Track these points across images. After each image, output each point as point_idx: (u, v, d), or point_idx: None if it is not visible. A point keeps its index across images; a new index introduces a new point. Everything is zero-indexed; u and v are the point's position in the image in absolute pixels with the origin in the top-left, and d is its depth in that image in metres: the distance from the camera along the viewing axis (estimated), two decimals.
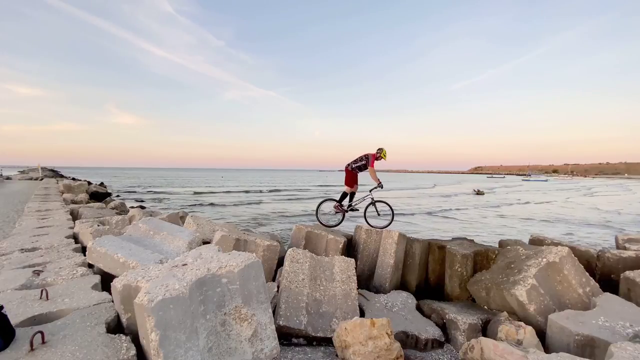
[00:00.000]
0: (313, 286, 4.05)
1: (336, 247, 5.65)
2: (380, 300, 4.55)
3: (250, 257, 2.70)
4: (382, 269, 5.40)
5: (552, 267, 4.22)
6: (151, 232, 4.30)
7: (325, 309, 3.92)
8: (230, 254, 2.79)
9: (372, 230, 5.88)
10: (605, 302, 3.71)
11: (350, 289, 4.15)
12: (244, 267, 2.56)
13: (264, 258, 4.88)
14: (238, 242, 4.85)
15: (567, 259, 4.33)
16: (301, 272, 4.08)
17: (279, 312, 3.66)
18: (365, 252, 5.82)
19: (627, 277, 4.38)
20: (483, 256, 5.27)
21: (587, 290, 4.18)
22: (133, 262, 3.32)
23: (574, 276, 4.24)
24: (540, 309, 3.84)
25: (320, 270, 4.27)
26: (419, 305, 4.67)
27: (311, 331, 3.60)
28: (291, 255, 4.22)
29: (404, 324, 3.98)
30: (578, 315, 3.43)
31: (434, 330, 3.97)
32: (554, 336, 3.35)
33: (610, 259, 5.24)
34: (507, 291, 4.05)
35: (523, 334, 3.38)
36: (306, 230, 5.91)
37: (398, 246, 5.40)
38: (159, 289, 2.18)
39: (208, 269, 2.49)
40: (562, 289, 4.16)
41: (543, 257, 4.32)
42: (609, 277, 5.03)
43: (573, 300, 4.07)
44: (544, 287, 4.05)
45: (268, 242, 5.03)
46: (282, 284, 3.96)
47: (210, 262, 2.63)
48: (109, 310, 2.67)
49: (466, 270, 5.13)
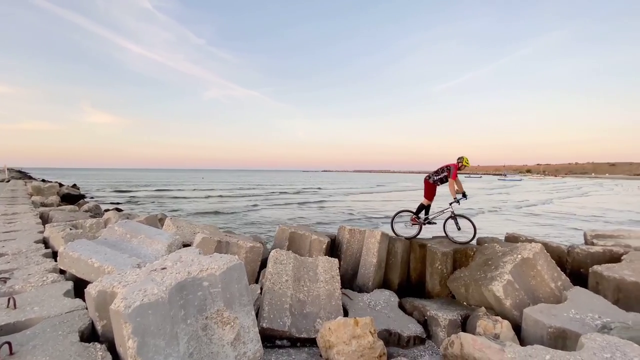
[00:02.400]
0: (297, 287, 4.03)
1: (320, 247, 5.66)
2: (363, 300, 4.59)
3: (233, 260, 2.66)
4: (365, 268, 5.45)
5: (527, 263, 4.39)
6: (128, 235, 4.15)
7: (309, 309, 3.91)
8: (212, 257, 2.73)
9: (356, 230, 5.92)
10: (576, 295, 3.90)
11: (334, 289, 4.16)
12: (226, 269, 2.51)
13: (246, 260, 4.82)
14: (220, 244, 4.76)
15: (540, 255, 4.52)
16: (285, 273, 4.05)
17: (262, 314, 3.63)
18: (348, 252, 5.86)
19: (595, 271, 4.62)
20: (462, 254, 5.42)
21: (559, 285, 4.37)
22: (109, 266, 3.20)
23: (547, 271, 4.44)
24: (515, 303, 3.99)
25: (304, 270, 4.26)
26: (401, 303, 4.75)
27: (295, 332, 3.58)
28: (274, 257, 4.19)
29: (387, 322, 4.03)
30: (551, 309, 3.59)
31: (416, 327, 4.05)
32: (529, 329, 3.49)
33: (580, 254, 5.52)
34: (484, 287, 4.18)
35: (500, 328, 3.50)
36: (290, 231, 5.88)
37: (381, 245, 5.47)
38: (137, 294, 2.11)
39: (188, 272, 2.43)
40: (535, 284, 4.34)
41: (518, 254, 4.49)
42: (579, 271, 5.29)
43: (546, 294, 4.25)
44: (519, 282, 4.21)
45: (251, 244, 4.97)
46: (266, 285, 3.92)
47: (190, 265, 2.57)
48: (82, 318, 2.55)
49: (446, 268, 5.26)
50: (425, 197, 6.24)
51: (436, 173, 6.17)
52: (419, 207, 6.26)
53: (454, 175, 5.83)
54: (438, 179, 6.12)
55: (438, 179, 6.12)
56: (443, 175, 6.04)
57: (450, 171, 5.92)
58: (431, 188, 6.22)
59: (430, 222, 6.20)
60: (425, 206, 6.24)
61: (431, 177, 6.21)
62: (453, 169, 5.87)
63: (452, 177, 5.84)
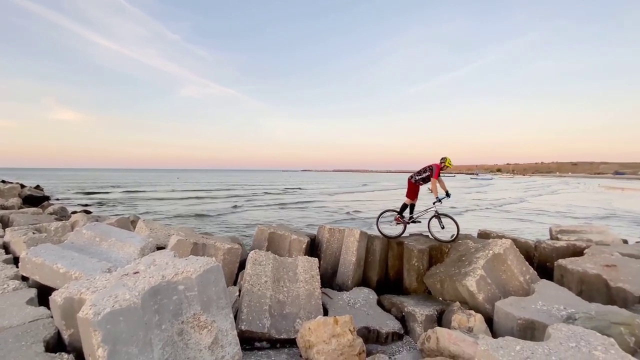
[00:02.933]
0: (276, 288, 4.00)
1: (299, 247, 5.64)
2: (343, 298, 4.62)
3: (210, 262, 2.59)
4: (344, 267, 5.49)
5: (498, 258, 4.59)
6: (97, 238, 3.96)
7: (288, 310, 3.89)
8: (188, 259, 2.66)
9: (335, 229, 5.95)
10: (542, 287, 4.11)
11: (313, 288, 4.16)
12: (202, 272, 2.45)
13: (224, 262, 4.72)
14: (196, 246, 4.64)
15: (510, 250, 4.73)
16: (264, 275, 4.01)
17: (241, 316, 3.57)
18: (328, 251, 5.88)
19: (559, 265, 4.90)
20: (437, 250, 5.58)
21: (527, 278, 4.60)
22: (76, 272, 3.03)
23: (516, 265, 4.65)
24: (488, 297, 4.15)
25: (284, 271, 4.23)
26: (380, 300, 4.83)
27: (274, 334, 3.55)
28: (253, 258, 4.13)
29: (366, 320, 4.08)
30: (520, 301, 3.76)
31: (394, 324, 4.12)
32: (500, 321, 3.65)
33: (546, 248, 5.83)
34: (459, 282, 4.33)
35: (474, 322, 3.63)
36: (269, 231, 5.82)
37: (360, 244, 5.53)
38: (107, 300, 2.01)
39: (163, 276, 2.35)
40: (506, 278, 4.54)
41: (489, 250, 4.68)
42: (545, 265, 5.59)
43: (515, 288, 4.46)
44: (491, 276, 4.39)
45: (229, 245, 4.87)
46: (244, 287, 3.86)
47: (165, 269, 2.48)
48: (47, 327, 2.41)
49: (422, 264, 5.39)
50: (408, 196, 6.37)
51: (419, 173, 6.29)
52: (402, 206, 6.39)
53: (436, 175, 5.96)
54: (420, 179, 6.24)
55: (420, 178, 6.23)
56: (425, 175, 6.16)
57: (432, 171, 6.04)
58: (414, 188, 6.35)
59: (415, 221, 6.32)
60: (407, 205, 6.37)
61: (414, 177, 6.33)
62: (435, 169, 6.00)
63: (434, 177, 5.97)
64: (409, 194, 6.37)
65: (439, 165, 6.01)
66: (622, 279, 4.24)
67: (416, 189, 6.36)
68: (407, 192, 6.39)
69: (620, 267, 4.54)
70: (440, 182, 6.10)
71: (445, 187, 6.11)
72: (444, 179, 6.22)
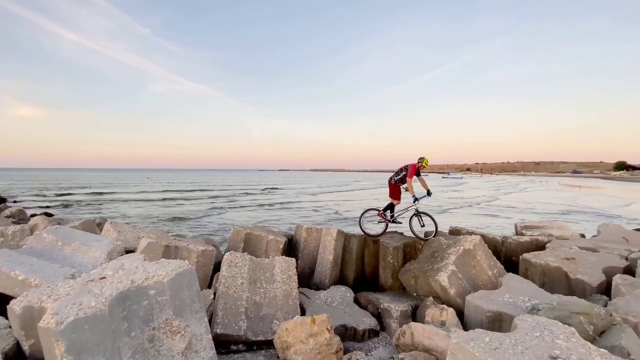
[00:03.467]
0: (253, 289, 3.94)
1: (277, 247, 5.59)
2: (320, 297, 4.63)
3: (182, 265, 2.51)
4: (322, 265, 5.51)
5: (468, 254, 4.78)
6: (60, 242, 3.72)
7: (265, 311, 3.85)
8: (159, 263, 2.56)
9: (313, 228, 5.95)
10: (509, 281, 4.33)
11: (291, 288, 4.14)
12: (174, 275, 2.37)
13: (198, 264, 4.59)
14: (168, 248, 4.48)
15: (479, 246, 4.95)
16: (240, 276, 3.94)
17: (216, 320, 3.48)
18: (305, 251, 5.87)
19: (524, 259, 5.18)
20: (411, 247, 5.73)
21: (495, 272, 4.83)
22: (36, 279, 2.83)
23: (485, 260, 4.87)
24: (459, 291, 4.32)
25: (261, 272, 4.18)
26: (357, 297, 4.89)
27: (251, 336, 3.50)
28: (229, 259, 4.05)
29: (343, 318, 4.12)
30: (488, 295, 3.94)
31: (370, 321, 4.19)
32: (470, 314, 3.80)
33: (512, 243, 6.15)
34: (432, 278, 4.47)
35: (446, 316, 3.76)
36: (245, 232, 5.73)
37: (337, 242, 5.56)
38: (71, 308, 1.90)
39: (132, 280, 2.25)
40: (476, 273, 4.74)
41: (460, 246, 4.86)
42: (511, 259, 5.90)
43: (484, 282, 4.66)
44: (462, 271, 4.57)
45: (202, 247, 4.74)
46: (219, 290, 3.78)
47: (134, 273, 2.37)
48: (5, 338, 2.25)
49: (397, 261, 5.52)
50: (391, 197, 6.47)
51: (396, 174, 6.38)
52: (388, 205, 6.47)
53: (410, 175, 6.06)
54: (399, 179, 6.33)
55: (398, 179, 6.33)
56: (402, 175, 6.25)
57: (408, 171, 6.13)
58: (394, 188, 6.46)
59: (396, 221, 6.42)
60: (394, 205, 6.48)
61: (393, 178, 6.43)
62: (410, 169, 6.09)
63: (409, 177, 6.07)
64: (391, 194, 6.47)
65: (415, 165, 6.12)
66: (581, 271, 4.56)
67: (397, 190, 6.45)
68: (390, 193, 6.49)
69: (578, 260, 4.88)
70: (422, 180, 6.21)
71: (427, 186, 6.24)
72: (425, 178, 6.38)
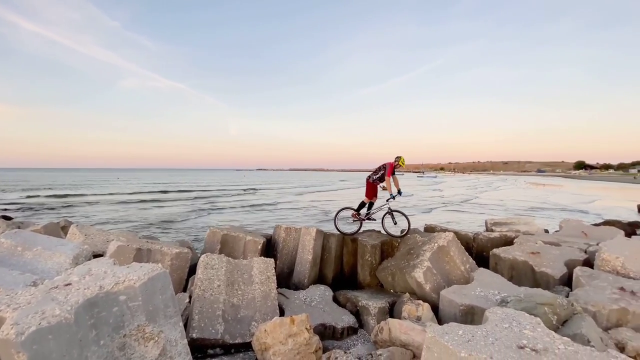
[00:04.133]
0: (230, 292, 3.87)
1: (255, 248, 5.52)
2: (299, 297, 4.62)
3: (155, 268, 2.42)
4: (301, 265, 5.50)
5: (442, 250, 4.94)
6: (19, 248, 3.47)
7: (243, 313, 3.78)
8: (130, 267, 2.45)
9: (292, 228, 5.92)
10: (480, 275, 4.51)
11: (269, 289, 4.10)
12: (147, 280, 2.27)
13: (172, 268, 4.44)
14: (140, 252, 4.30)
15: (453, 243, 5.12)
16: (216, 279, 3.85)
17: (191, 324, 3.39)
18: (284, 251, 5.83)
19: (494, 254, 5.42)
20: (389, 245, 5.84)
21: (467, 267, 5.02)
22: None
23: (458, 256, 5.05)
24: (434, 287, 4.45)
25: (238, 274, 4.10)
26: (335, 296, 4.92)
27: (229, 339, 3.43)
28: (205, 262, 3.95)
29: (322, 317, 4.13)
30: (461, 289, 4.09)
31: (349, 319, 4.23)
32: (445, 309, 3.93)
33: (482, 239, 6.42)
34: (408, 274, 4.58)
35: (422, 311, 3.86)
36: (222, 233, 5.61)
37: (316, 242, 5.57)
38: (32, 317, 1.77)
39: (100, 286, 2.14)
40: (449, 268, 4.90)
41: (435, 242, 5.01)
42: (482, 254, 6.16)
43: (457, 277, 4.84)
44: (436, 267, 4.71)
45: (177, 250, 4.59)
46: (195, 293, 3.67)
47: (103, 279, 2.26)
48: None
49: (375, 259, 5.61)
50: (367, 195, 6.57)
51: (375, 172, 6.49)
52: (360, 204, 6.57)
53: (389, 173, 6.18)
54: (377, 178, 6.44)
55: (377, 177, 6.44)
56: (380, 174, 6.36)
57: (386, 169, 6.26)
58: (371, 187, 6.57)
59: (370, 218, 6.53)
60: (366, 204, 6.57)
61: (371, 177, 6.53)
62: (388, 167, 6.21)
63: (387, 175, 6.19)
64: (367, 193, 6.57)
65: (393, 163, 6.25)
66: (545, 264, 4.83)
67: (374, 188, 6.57)
68: (366, 191, 6.59)
69: (543, 253, 5.17)
70: (395, 180, 6.36)
71: (399, 186, 6.38)
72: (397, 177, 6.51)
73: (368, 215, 6.54)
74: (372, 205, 6.64)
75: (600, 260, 4.42)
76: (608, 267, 4.31)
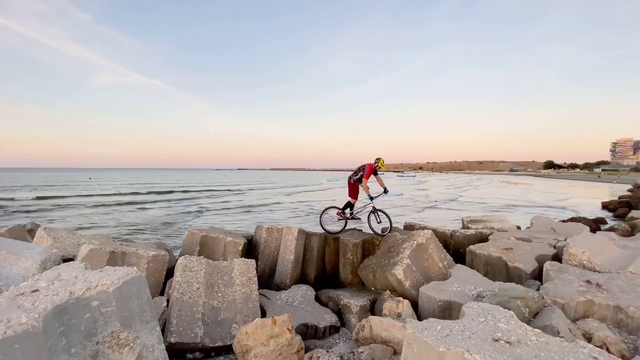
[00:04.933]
0: (210, 294, 3.78)
1: (235, 249, 5.43)
2: (281, 297, 4.59)
3: (130, 272, 2.33)
4: (282, 265, 5.46)
5: (421, 248, 5.05)
6: None
7: (224, 315, 3.72)
8: (103, 271, 2.35)
9: (273, 228, 5.87)
10: (457, 271, 4.65)
11: (250, 291, 4.05)
12: (121, 284, 2.18)
13: (148, 271, 4.30)
14: (114, 255, 4.13)
15: (431, 240, 5.25)
16: (195, 281, 3.76)
17: (169, 328, 3.29)
18: (266, 251, 5.78)
19: (470, 250, 5.61)
20: (370, 243, 5.91)
21: (445, 264, 5.16)
22: None
23: (436, 253, 5.18)
24: (413, 283, 4.54)
25: (218, 276, 4.02)
26: (318, 295, 4.92)
27: (209, 342, 3.36)
28: (183, 264, 3.85)
29: (304, 316, 4.12)
30: (440, 285, 4.20)
31: (331, 317, 4.24)
32: (424, 305, 4.03)
33: (459, 236, 6.63)
34: (388, 272, 4.65)
35: (402, 307, 3.94)
36: (201, 234, 5.48)
37: (298, 241, 5.55)
38: None
39: (71, 292, 2.04)
40: (428, 265, 5.02)
41: (414, 240, 5.12)
42: (459, 251, 6.35)
43: (436, 273, 4.96)
44: (416, 264, 4.81)
45: (154, 252, 4.45)
46: (173, 296, 3.57)
47: (73, 284, 2.15)
48: None
49: (357, 258, 5.66)
50: (350, 195, 6.64)
51: (355, 173, 6.58)
52: (346, 204, 6.63)
53: (367, 176, 6.29)
54: (357, 179, 6.54)
55: (357, 178, 6.53)
56: (360, 175, 6.45)
57: (364, 171, 6.35)
58: (353, 187, 6.65)
59: (354, 217, 6.62)
60: (352, 203, 6.65)
61: (352, 178, 6.62)
62: (367, 169, 6.31)
63: (365, 177, 6.29)
64: (350, 193, 6.65)
65: (372, 165, 6.34)
66: (517, 260, 5.05)
67: (356, 189, 6.66)
68: (349, 192, 6.67)
69: (515, 249, 5.40)
70: (379, 179, 6.50)
71: (384, 185, 6.51)
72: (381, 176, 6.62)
73: (352, 214, 6.62)
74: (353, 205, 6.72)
75: (568, 254, 4.67)
76: (575, 261, 4.56)
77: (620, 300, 3.39)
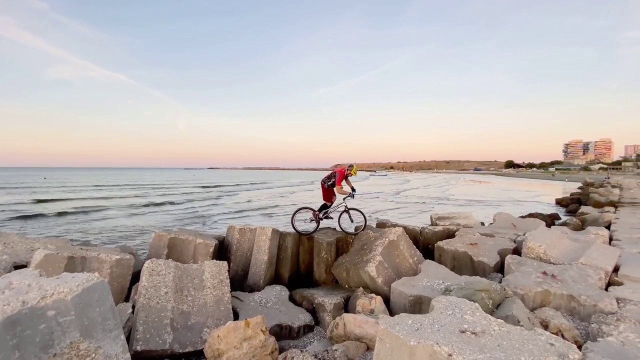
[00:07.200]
0: (179, 298, 3.65)
1: (206, 251, 5.26)
2: (254, 299, 4.52)
3: (91, 278, 2.19)
4: (256, 266, 5.38)
5: (392, 245, 5.18)
6: None
7: (194, 320, 3.60)
8: (60, 278, 2.18)
9: (246, 228, 5.76)
10: (426, 266, 4.82)
11: (222, 293, 3.95)
12: (80, 291, 2.05)
13: (112, 276, 4.06)
14: (72, 260, 3.86)
15: (402, 237, 5.40)
16: (163, 285, 3.60)
17: (135, 335, 3.13)
18: (239, 253, 5.65)
19: (438, 246, 5.83)
20: (343, 242, 5.97)
21: (415, 260, 5.33)
22: None
23: (407, 249, 5.34)
24: (385, 280, 4.65)
25: (188, 279, 3.89)
26: (292, 295, 4.90)
27: (178, 348, 3.24)
28: (149, 268, 3.67)
29: (278, 317, 4.09)
30: (410, 280, 4.34)
31: (305, 317, 4.24)
32: (395, 300, 4.13)
33: (428, 233, 6.87)
34: (361, 269, 4.73)
35: (375, 304, 4.02)
36: (169, 237, 5.26)
37: (272, 242, 5.48)
38: None
39: (23, 301, 1.88)
40: (399, 261, 5.16)
41: (386, 237, 5.24)
42: (428, 247, 6.59)
43: (406, 269, 5.11)
44: (388, 261, 4.93)
45: (117, 256, 4.21)
46: (139, 302, 3.40)
47: (26, 293, 1.98)
48: None
49: (330, 256, 5.70)
50: (325, 199, 6.74)
51: (328, 178, 6.70)
52: (322, 206, 6.70)
53: (339, 182, 6.42)
54: (330, 184, 6.66)
55: (330, 183, 6.65)
56: (332, 181, 6.59)
57: (336, 177, 6.49)
58: (327, 191, 6.75)
59: (327, 217, 6.69)
60: (328, 205, 6.72)
61: (325, 182, 6.73)
62: (338, 176, 6.44)
63: (338, 184, 6.43)
64: (325, 197, 6.75)
65: (343, 172, 6.47)
66: (482, 254, 5.32)
67: (330, 192, 6.77)
68: (324, 195, 6.77)
69: (480, 244, 5.68)
70: (348, 182, 6.64)
71: (351, 185, 6.66)
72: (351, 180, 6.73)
73: (326, 213, 6.69)
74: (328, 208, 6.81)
75: (526, 248, 4.99)
76: (533, 254, 4.88)
77: (573, 289, 3.68)
